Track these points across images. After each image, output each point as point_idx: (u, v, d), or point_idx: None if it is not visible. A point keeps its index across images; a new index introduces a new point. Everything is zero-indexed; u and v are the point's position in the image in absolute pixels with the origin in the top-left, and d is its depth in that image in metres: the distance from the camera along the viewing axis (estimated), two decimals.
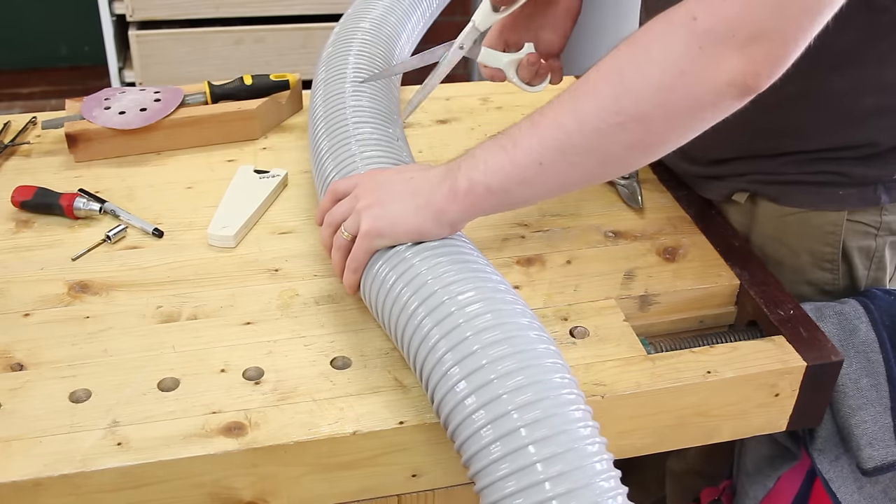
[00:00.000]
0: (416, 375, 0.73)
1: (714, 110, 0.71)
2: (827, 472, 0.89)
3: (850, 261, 0.94)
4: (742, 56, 0.67)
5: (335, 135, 0.92)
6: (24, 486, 0.67)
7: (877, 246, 0.94)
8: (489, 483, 0.63)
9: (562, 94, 0.74)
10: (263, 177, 1.03)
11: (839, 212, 0.92)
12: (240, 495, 0.72)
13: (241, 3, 2.17)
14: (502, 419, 0.63)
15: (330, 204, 0.83)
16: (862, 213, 0.92)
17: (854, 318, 0.89)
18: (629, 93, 0.70)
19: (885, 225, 0.92)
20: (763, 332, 0.87)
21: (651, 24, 0.71)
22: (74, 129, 1.06)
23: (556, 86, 0.96)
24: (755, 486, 0.96)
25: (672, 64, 0.68)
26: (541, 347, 0.68)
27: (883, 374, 0.86)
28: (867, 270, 0.95)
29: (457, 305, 0.69)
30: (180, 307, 0.85)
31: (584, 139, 0.72)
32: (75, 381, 0.75)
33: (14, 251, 0.92)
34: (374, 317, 0.80)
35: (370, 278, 0.78)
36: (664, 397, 0.78)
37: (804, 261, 0.95)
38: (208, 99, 1.14)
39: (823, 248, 0.94)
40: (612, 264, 0.92)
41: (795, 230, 0.95)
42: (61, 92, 2.81)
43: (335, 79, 1.01)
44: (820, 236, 0.93)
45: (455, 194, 0.76)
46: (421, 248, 0.76)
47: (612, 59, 0.72)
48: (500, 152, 0.75)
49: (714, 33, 0.67)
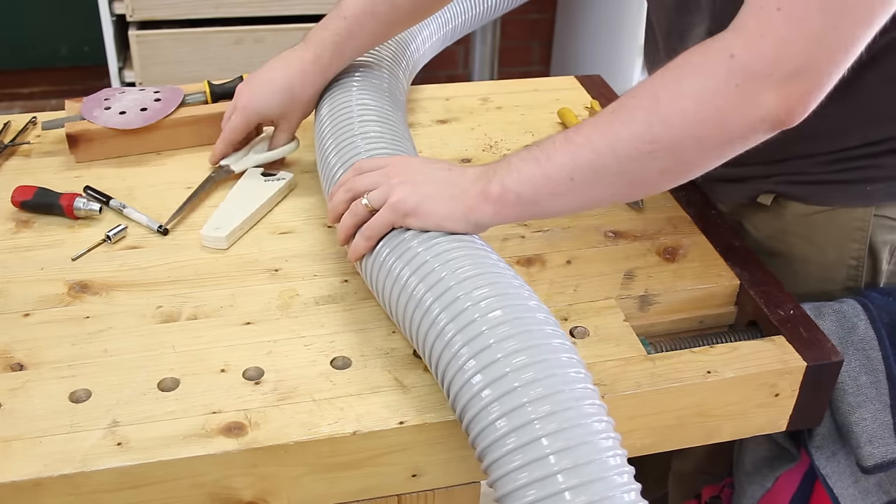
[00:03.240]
0: (429, 366, 0.73)
1: (745, 142, 0.73)
2: (824, 468, 0.89)
3: (875, 255, 0.94)
4: (778, 93, 0.68)
5: (341, 133, 0.93)
6: (24, 486, 0.67)
7: None
8: (502, 475, 0.63)
9: (598, 114, 0.76)
10: (269, 179, 1.03)
11: (867, 208, 0.92)
12: (240, 495, 0.72)
13: (241, 3, 2.17)
14: (517, 411, 0.63)
15: (353, 174, 0.83)
16: (888, 208, 0.92)
17: (853, 315, 0.89)
18: (663, 123, 0.71)
19: None
20: (763, 332, 0.87)
21: (689, 55, 0.72)
22: (75, 130, 1.06)
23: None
24: (753, 486, 0.96)
25: (708, 98, 0.70)
26: (556, 342, 0.68)
27: (882, 372, 0.87)
28: (888, 264, 0.96)
29: (472, 301, 0.69)
30: (180, 307, 0.85)
31: (616, 162, 0.73)
32: (75, 381, 0.75)
33: (14, 251, 0.92)
34: (381, 305, 0.80)
35: (382, 272, 0.78)
36: (664, 397, 0.78)
37: (831, 258, 0.95)
38: (208, 98, 1.14)
39: (851, 244, 0.94)
40: (612, 264, 0.92)
41: (823, 228, 0.95)
42: (61, 92, 2.81)
43: (340, 87, 1.01)
44: (848, 232, 0.94)
45: (486, 196, 0.77)
46: (435, 241, 0.76)
47: (649, 86, 0.74)
48: (533, 164, 0.76)
49: (751, 71, 0.68)
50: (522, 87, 1.31)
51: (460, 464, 0.76)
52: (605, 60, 2.59)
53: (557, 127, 1.19)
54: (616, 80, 2.45)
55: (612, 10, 2.52)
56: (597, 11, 2.63)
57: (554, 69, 3.06)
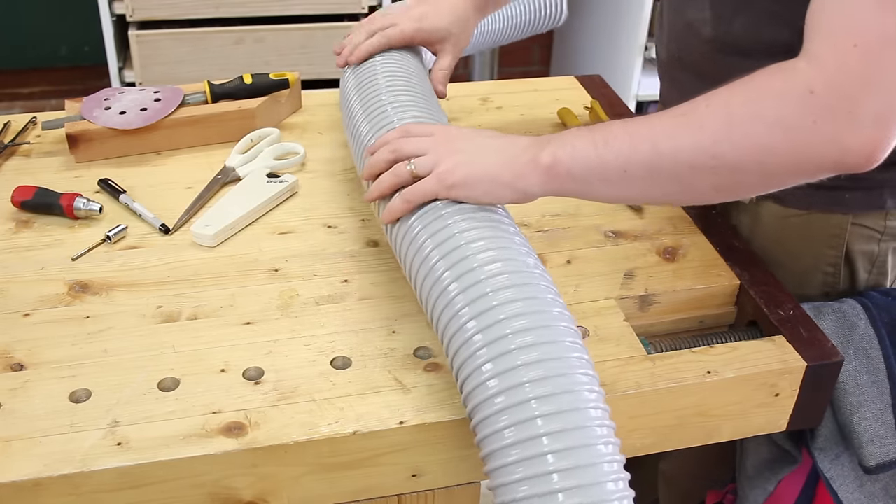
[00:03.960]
0: (435, 332, 0.73)
1: (809, 178, 0.71)
2: (828, 471, 0.89)
3: (852, 265, 0.94)
4: (858, 137, 0.66)
5: (369, 102, 0.93)
6: (24, 486, 0.67)
7: (880, 251, 0.93)
8: (499, 466, 0.63)
9: (665, 112, 0.74)
10: (271, 181, 1.02)
11: (844, 215, 0.91)
12: (240, 495, 0.72)
13: (241, 3, 2.17)
14: (520, 406, 0.63)
15: (399, 135, 0.83)
16: (866, 217, 0.92)
17: (853, 315, 0.89)
18: (731, 142, 0.69)
19: (889, 230, 0.92)
20: (763, 332, 0.87)
21: (770, 75, 0.69)
22: (75, 130, 1.07)
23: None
24: (756, 491, 0.96)
25: (782, 129, 0.67)
26: (568, 340, 0.68)
27: (883, 371, 0.87)
28: (868, 274, 0.95)
29: (498, 300, 0.69)
30: (180, 307, 0.85)
31: (675, 167, 0.71)
32: (75, 381, 0.75)
33: (14, 251, 0.92)
34: (405, 273, 0.80)
35: (412, 248, 0.77)
36: (664, 397, 0.78)
37: (806, 264, 0.95)
38: (208, 98, 1.14)
39: (827, 251, 0.94)
40: (612, 264, 0.92)
41: (798, 233, 0.94)
42: (61, 92, 2.81)
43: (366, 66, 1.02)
44: (824, 239, 0.93)
45: (536, 165, 0.75)
46: (468, 222, 0.75)
47: (724, 99, 0.71)
48: (589, 145, 0.74)
49: (831, 110, 0.66)
50: (522, 87, 1.31)
51: (460, 464, 0.76)
52: (605, 60, 2.59)
53: (558, 127, 1.19)
54: (616, 80, 2.45)
55: (612, 10, 2.52)
56: (597, 11, 2.63)
57: (554, 69, 3.06)
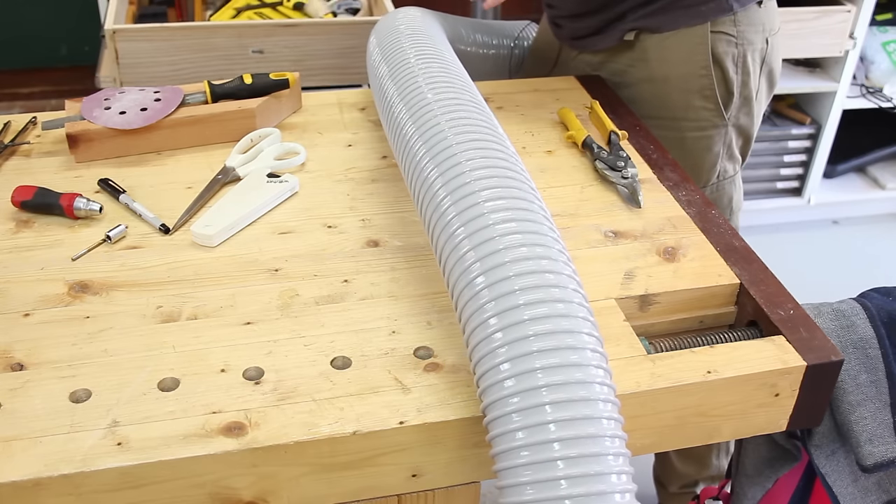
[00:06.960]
0: (455, 309, 0.74)
1: None
2: (823, 467, 0.89)
3: (721, 65, 1.22)
4: None
5: (403, 81, 0.96)
6: (24, 486, 0.67)
7: (738, 53, 1.22)
8: (504, 450, 0.65)
9: None
10: (271, 181, 1.02)
11: (703, 24, 1.20)
12: (240, 495, 0.72)
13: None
14: (530, 392, 0.65)
15: None
16: (721, 24, 1.20)
17: (851, 314, 0.89)
18: None
19: (740, 35, 1.21)
20: (763, 332, 0.87)
21: None
22: (75, 130, 1.07)
23: None
24: (755, 488, 0.96)
25: None
26: (585, 334, 0.69)
27: (882, 370, 0.87)
28: (736, 75, 1.23)
29: (525, 300, 0.69)
30: (180, 307, 0.85)
31: None
32: (75, 381, 0.75)
33: (14, 251, 0.92)
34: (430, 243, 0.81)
35: (444, 235, 0.78)
36: (664, 397, 0.78)
37: (685, 71, 1.22)
38: (208, 98, 1.14)
39: (697, 58, 1.22)
40: (612, 264, 0.92)
41: (673, 48, 1.22)
42: (61, 92, 2.81)
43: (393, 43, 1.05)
44: (693, 47, 1.21)
45: None
46: (505, 222, 0.75)
47: None
48: None
49: None
50: (522, 87, 1.31)
51: (460, 464, 0.76)
52: None
53: (558, 127, 1.19)
54: None
55: None
56: None
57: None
